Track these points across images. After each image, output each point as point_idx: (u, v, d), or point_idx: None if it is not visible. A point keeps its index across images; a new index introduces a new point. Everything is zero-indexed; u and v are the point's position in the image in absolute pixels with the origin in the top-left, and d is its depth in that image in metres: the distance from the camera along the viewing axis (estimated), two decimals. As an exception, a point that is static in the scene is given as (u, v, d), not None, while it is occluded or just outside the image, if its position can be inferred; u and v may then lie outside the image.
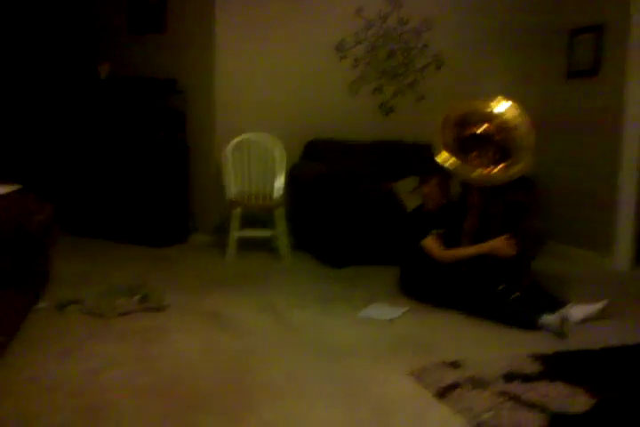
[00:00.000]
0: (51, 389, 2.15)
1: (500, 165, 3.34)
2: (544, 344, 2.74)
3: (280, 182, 4.50)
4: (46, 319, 2.85)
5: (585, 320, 3.03)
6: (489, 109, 3.44)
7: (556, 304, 3.08)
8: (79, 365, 2.35)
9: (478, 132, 3.40)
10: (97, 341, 2.60)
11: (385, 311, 3.13)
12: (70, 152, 4.92)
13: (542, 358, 2.54)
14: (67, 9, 5.27)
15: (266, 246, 4.61)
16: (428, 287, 3.34)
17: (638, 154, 4.44)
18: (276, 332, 2.84)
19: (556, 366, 2.47)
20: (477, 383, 2.29)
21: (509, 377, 2.35)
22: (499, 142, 3.37)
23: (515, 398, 2.18)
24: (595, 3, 4.71)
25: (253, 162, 4.53)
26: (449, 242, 3.40)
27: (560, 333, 2.84)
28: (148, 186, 4.55)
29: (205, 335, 2.74)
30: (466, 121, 3.43)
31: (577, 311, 3.05)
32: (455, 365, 2.45)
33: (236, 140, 4.49)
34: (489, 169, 3.35)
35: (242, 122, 4.65)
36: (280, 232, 4.26)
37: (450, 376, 2.34)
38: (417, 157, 4.58)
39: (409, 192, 4.13)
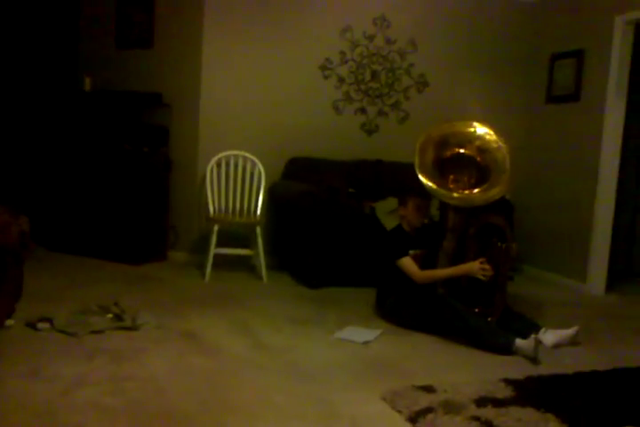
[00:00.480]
0: (17, 409, 2.10)
1: (477, 189, 3.39)
2: (517, 369, 2.75)
3: (259, 200, 4.51)
4: (16, 337, 2.80)
5: (557, 345, 3.06)
6: (471, 130, 3.50)
7: (529, 328, 3.10)
8: (47, 384, 2.30)
9: (462, 151, 3.45)
10: (67, 359, 2.55)
11: (360, 334, 3.12)
12: (49, 165, 4.87)
13: (514, 383, 2.55)
14: (55, 23, 5.26)
15: (245, 265, 4.60)
16: (404, 309, 3.34)
17: (616, 181, 4.53)
18: (250, 353, 2.82)
19: (527, 391, 2.49)
20: (450, 408, 2.29)
21: (482, 402, 2.36)
22: (480, 164, 3.42)
23: (487, 424, 2.18)
24: (575, 28, 4.83)
25: (234, 179, 4.54)
26: (426, 263, 3.42)
27: (533, 358, 2.85)
28: (128, 201, 4.51)
29: (178, 356, 2.71)
30: (446, 142, 3.48)
31: (549, 336, 3.07)
32: (428, 389, 2.45)
33: (217, 156, 4.50)
34: (468, 191, 3.40)
35: (225, 138, 4.66)
36: (258, 251, 4.25)
37: (423, 400, 2.34)
38: (397, 177, 4.64)
39: (388, 213, 4.16)
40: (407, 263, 3.35)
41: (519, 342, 2.92)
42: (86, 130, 4.72)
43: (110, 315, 3.07)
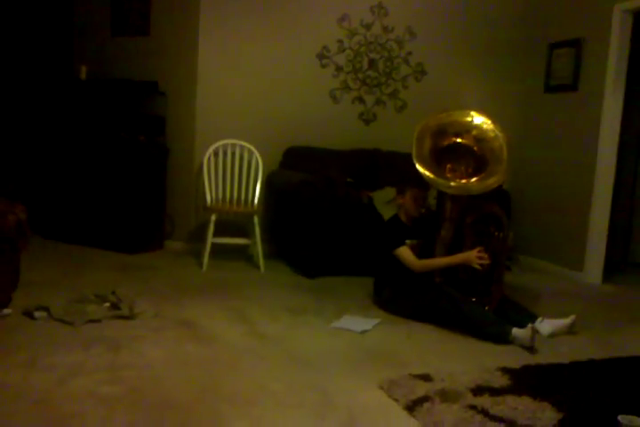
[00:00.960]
0: (15, 397, 2.10)
1: (474, 178, 3.38)
2: (513, 358, 2.76)
3: (257, 189, 4.50)
4: (13, 325, 2.79)
5: (554, 335, 3.08)
6: (468, 119, 3.49)
7: (526, 318, 3.11)
8: (45, 373, 2.30)
9: (459, 141, 3.45)
10: (64, 348, 2.55)
11: (357, 323, 3.12)
12: (46, 154, 4.85)
13: (511, 372, 2.56)
14: (50, 11, 5.21)
15: (242, 254, 4.60)
16: (401, 299, 3.35)
17: (614, 171, 4.52)
18: (248, 342, 2.82)
19: (524, 380, 2.50)
20: (447, 397, 2.30)
21: (478, 391, 2.37)
22: (477, 153, 3.42)
23: (483, 412, 2.19)
24: (574, 17, 4.80)
25: (231, 168, 4.52)
26: (424, 252, 3.42)
27: (530, 347, 2.86)
28: (124, 190, 4.50)
29: (175, 345, 2.71)
30: (444, 131, 3.47)
31: (546, 326, 3.09)
32: (425, 377, 2.46)
33: (214, 145, 4.48)
34: (465, 180, 3.39)
35: (222, 127, 4.64)
36: (255, 240, 4.24)
37: (420, 389, 2.35)
38: (395, 167, 4.63)
39: (385, 203, 4.16)
40: (404, 253, 3.35)
41: (516, 331, 2.92)
42: (83, 119, 4.69)
43: (107, 304, 3.06)
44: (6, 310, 2.88)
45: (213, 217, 4.16)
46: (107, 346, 2.61)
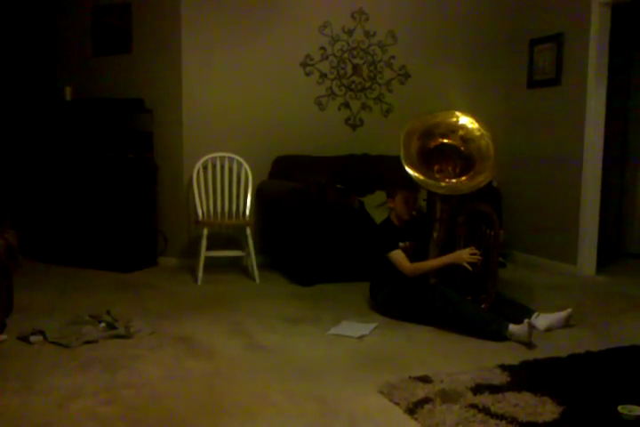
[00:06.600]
0: (15, 422, 2.09)
1: (463, 177, 3.40)
2: (512, 354, 2.76)
3: (248, 201, 4.50)
4: (9, 351, 2.78)
5: (550, 329, 3.08)
6: (454, 120, 3.51)
7: (522, 313, 3.11)
8: (43, 397, 2.29)
9: (445, 142, 3.46)
10: (62, 371, 2.54)
11: (354, 328, 3.12)
12: (35, 176, 4.85)
13: (510, 369, 2.56)
14: (32, 34, 5.23)
15: (237, 266, 4.60)
16: (397, 301, 3.35)
17: (601, 163, 4.53)
18: (246, 355, 2.81)
19: (523, 376, 2.50)
20: (447, 397, 2.30)
21: (478, 389, 2.36)
22: (464, 153, 3.43)
23: (484, 411, 2.19)
24: (553, 12, 4.83)
25: (221, 181, 4.52)
26: (418, 254, 3.43)
27: (527, 342, 2.87)
28: (115, 209, 4.49)
29: (174, 361, 2.70)
30: (430, 133, 3.49)
31: (542, 320, 3.09)
32: (425, 379, 2.46)
33: (202, 159, 4.49)
34: (455, 180, 3.41)
35: (210, 141, 4.65)
36: (249, 252, 4.24)
37: (420, 391, 2.35)
38: (384, 170, 4.63)
39: (376, 207, 4.16)
40: (397, 257, 3.35)
41: (513, 327, 2.92)
42: (70, 140, 4.69)
43: (103, 324, 3.05)
44: (1, 336, 2.87)
45: (205, 231, 4.16)
46: (104, 366, 2.60)
